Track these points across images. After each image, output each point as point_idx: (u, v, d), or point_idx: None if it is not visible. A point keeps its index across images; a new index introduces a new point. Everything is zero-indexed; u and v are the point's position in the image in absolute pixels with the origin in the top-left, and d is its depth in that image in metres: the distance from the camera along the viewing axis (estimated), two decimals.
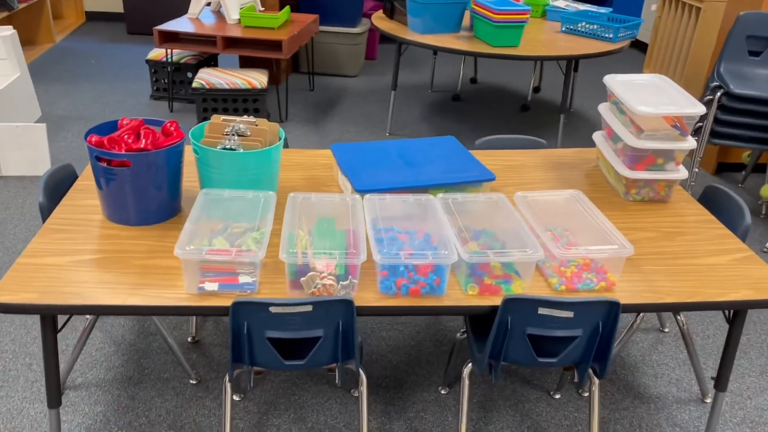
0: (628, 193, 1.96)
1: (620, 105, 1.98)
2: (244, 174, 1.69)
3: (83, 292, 1.39)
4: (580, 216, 1.69)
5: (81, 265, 1.49)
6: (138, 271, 1.49)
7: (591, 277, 1.55)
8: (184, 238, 1.44)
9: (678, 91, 1.96)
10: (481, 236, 1.66)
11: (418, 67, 5.55)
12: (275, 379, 2.04)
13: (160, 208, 1.70)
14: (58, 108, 4.21)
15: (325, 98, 4.70)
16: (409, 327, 2.33)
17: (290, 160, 2.12)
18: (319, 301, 1.41)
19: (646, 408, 2.02)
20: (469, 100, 4.80)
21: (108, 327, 2.23)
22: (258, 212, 1.60)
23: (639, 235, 1.77)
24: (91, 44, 5.72)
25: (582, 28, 3.82)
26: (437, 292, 1.50)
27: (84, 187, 1.84)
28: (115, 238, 1.62)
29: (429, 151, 2.01)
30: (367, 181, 1.80)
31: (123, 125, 1.71)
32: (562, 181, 2.06)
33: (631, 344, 2.30)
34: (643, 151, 1.89)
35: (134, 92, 4.59)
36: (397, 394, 2.02)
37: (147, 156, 1.60)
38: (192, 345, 2.18)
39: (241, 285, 1.46)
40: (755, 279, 1.59)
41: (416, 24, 3.72)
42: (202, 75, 3.99)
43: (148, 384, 2.00)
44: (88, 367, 2.05)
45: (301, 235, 1.55)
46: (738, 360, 2.26)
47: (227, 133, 1.69)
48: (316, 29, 4.59)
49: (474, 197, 1.75)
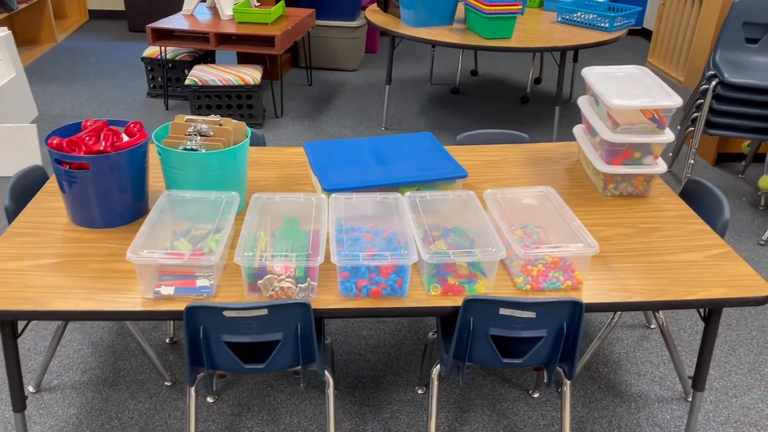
0: (606, 188, 1.91)
1: (597, 98, 1.93)
2: (207, 174, 1.67)
3: (36, 297, 1.38)
4: (550, 213, 1.65)
5: (39, 269, 1.48)
6: (96, 275, 1.48)
7: (558, 276, 1.51)
8: (138, 242, 1.43)
9: (656, 82, 1.91)
10: (450, 234, 1.63)
11: (417, 60, 5.50)
12: (250, 380, 2.03)
13: (124, 209, 1.68)
14: (54, 107, 4.23)
15: (322, 93, 4.67)
16: (391, 326, 2.31)
17: (267, 158, 2.10)
18: (274, 305, 1.39)
19: (626, 407, 1.98)
20: (468, 92, 4.75)
21: (87, 328, 2.24)
22: (219, 214, 1.59)
23: (614, 231, 1.72)
24: (93, 42, 5.75)
25: (578, 18, 3.75)
26: (399, 293, 1.47)
27: (52, 190, 1.84)
28: (78, 241, 1.61)
29: (403, 149, 1.98)
30: (335, 180, 1.77)
31: (86, 127, 1.70)
32: (541, 176, 2.02)
33: (615, 341, 2.26)
34: (619, 145, 1.84)
35: (131, 90, 4.60)
36: (374, 395, 2.00)
37: (107, 158, 1.58)
38: (170, 345, 2.17)
39: (197, 288, 1.44)
40: (729, 276, 1.54)
41: (409, 17, 3.68)
42: (195, 72, 3.98)
43: (123, 386, 2.00)
44: (65, 369, 2.06)
45: (262, 237, 1.53)
46: (726, 357, 2.20)
47: (189, 133, 1.67)
48: (312, 23, 4.56)
49: (443, 195, 1.72)
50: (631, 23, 3.69)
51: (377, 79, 5.01)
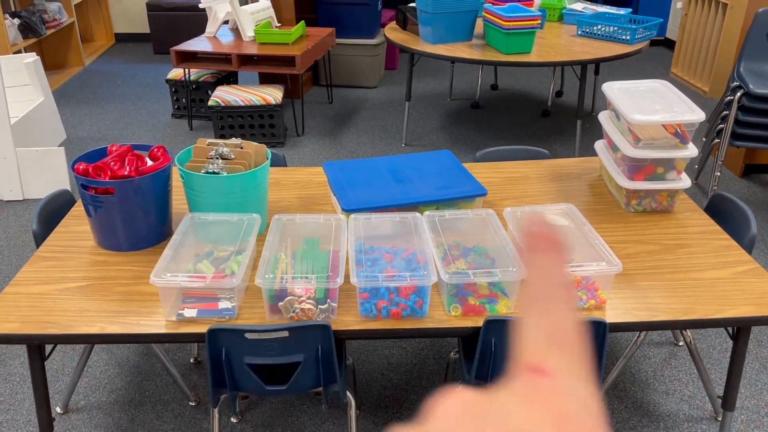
0: (629, 204, 1.89)
1: (618, 113, 1.92)
2: (229, 197, 1.69)
3: (62, 321, 1.41)
4: (572, 231, 1.64)
5: (66, 293, 1.51)
6: (121, 298, 1.50)
7: (580, 295, 1.49)
8: (162, 265, 1.45)
9: (678, 97, 1.89)
10: (471, 254, 1.62)
11: (437, 76, 5.51)
12: (273, 400, 2.04)
13: (149, 232, 1.71)
14: (82, 130, 4.32)
15: (343, 111, 4.71)
16: (413, 344, 2.30)
17: (287, 179, 2.11)
18: (295, 327, 1.40)
19: (654, 427, 1.94)
20: (489, 107, 4.75)
21: (113, 348, 2.27)
22: (240, 235, 1.60)
23: (637, 249, 1.70)
24: (119, 66, 5.88)
25: (599, 31, 3.73)
26: (419, 314, 1.47)
27: (79, 214, 1.87)
28: (103, 264, 1.64)
29: (421, 167, 1.98)
30: (354, 200, 1.78)
31: (111, 152, 1.74)
32: (563, 193, 2.00)
33: (642, 359, 2.22)
34: (641, 161, 1.82)
35: (156, 112, 4.68)
36: (396, 414, 1.99)
37: (131, 182, 1.61)
38: (194, 365, 2.19)
39: (220, 311, 1.46)
40: (758, 293, 1.51)
41: (427, 34, 3.70)
42: (218, 93, 4.04)
43: (148, 406, 2.02)
44: (92, 390, 2.08)
45: (282, 258, 1.55)
46: (757, 375, 2.15)
47: (211, 156, 1.70)
48: (332, 42, 4.61)
49: (463, 213, 1.72)
50: (652, 35, 3.66)
51: (397, 95, 5.03)
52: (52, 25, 5.35)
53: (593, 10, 4.11)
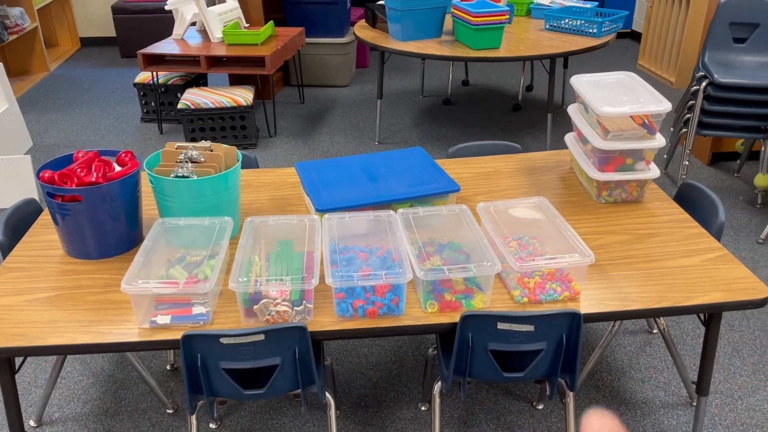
0: (600, 195, 1.91)
1: (586, 106, 1.94)
2: (200, 200, 1.67)
3: (31, 333, 1.37)
4: (545, 224, 1.65)
5: (35, 303, 1.48)
6: (92, 307, 1.47)
7: (555, 287, 1.50)
8: (133, 272, 1.42)
9: (645, 88, 1.91)
10: (446, 250, 1.62)
11: (408, 73, 5.52)
12: (253, 404, 2.02)
13: (119, 239, 1.68)
14: (49, 137, 4.24)
15: (315, 110, 4.69)
16: (392, 342, 2.30)
17: (259, 180, 2.10)
18: (271, 330, 1.38)
19: (632, 414, 1.97)
20: (461, 103, 4.76)
21: (87, 358, 2.22)
22: (213, 239, 1.58)
23: (610, 239, 1.72)
24: (85, 70, 5.77)
25: (566, 25, 3.76)
26: (396, 312, 1.47)
27: (47, 223, 1.83)
28: (73, 273, 1.60)
29: (394, 165, 1.98)
30: (328, 199, 1.77)
31: (78, 158, 1.70)
32: (535, 186, 2.02)
33: (617, 348, 2.25)
34: (611, 152, 1.84)
35: (125, 116, 4.61)
36: (377, 413, 1.99)
37: (99, 189, 1.58)
38: (171, 372, 2.16)
39: (194, 316, 1.44)
40: (727, 279, 1.54)
41: (397, 31, 3.69)
42: (187, 96, 3.99)
43: (124, 415, 1.99)
44: (66, 401, 2.05)
45: (256, 261, 1.53)
46: (730, 359, 2.19)
47: (180, 160, 1.67)
48: (302, 42, 4.58)
49: (437, 210, 1.72)
50: (618, 27, 3.71)
51: (369, 93, 5.02)
52: (15, 30, 5.23)
53: (560, 4, 4.14)
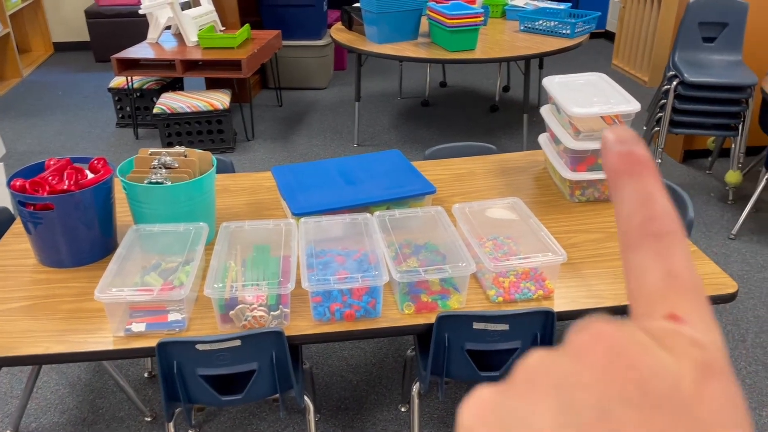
0: (573, 194, 1.94)
1: (558, 107, 1.96)
2: (175, 206, 1.67)
3: (4, 343, 1.36)
4: (519, 224, 1.67)
5: (7, 314, 1.46)
6: (66, 316, 1.46)
7: (529, 286, 1.52)
8: (107, 280, 1.41)
9: (614, 89, 1.94)
10: (422, 251, 1.63)
11: (386, 75, 5.53)
12: (232, 409, 2.01)
13: (93, 247, 1.67)
14: (22, 144, 4.18)
15: (293, 113, 4.68)
16: (371, 344, 2.30)
17: (236, 185, 2.09)
18: (247, 335, 1.38)
19: None
20: (439, 104, 4.79)
21: (63, 368, 2.20)
22: (188, 245, 1.58)
23: (583, 237, 1.74)
24: (59, 76, 5.70)
25: (540, 26, 3.80)
26: (373, 314, 1.47)
27: (19, 231, 1.81)
28: (46, 282, 1.59)
29: (371, 168, 1.99)
30: (304, 203, 1.77)
31: (49, 166, 1.69)
32: (510, 186, 2.04)
33: None
34: (582, 152, 1.87)
35: (99, 122, 4.57)
36: (357, 416, 2.00)
37: (71, 197, 1.57)
38: (148, 380, 2.15)
39: (169, 323, 1.43)
40: None
41: (373, 34, 3.71)
42: (163, 100, 3.96)
43: (102, 424, 1.97)
44: (42, 411, 2.02)
45: (232, 267, 1.53)
46: None
47: (154, 166, 1.67)
48: (279, 45, 4.57)
49: (413, 212, 1.73)
50: (591, 28, 3.76)
51: (347, 96, 5.03)
52: None
53: (535, 6, 4.19)
